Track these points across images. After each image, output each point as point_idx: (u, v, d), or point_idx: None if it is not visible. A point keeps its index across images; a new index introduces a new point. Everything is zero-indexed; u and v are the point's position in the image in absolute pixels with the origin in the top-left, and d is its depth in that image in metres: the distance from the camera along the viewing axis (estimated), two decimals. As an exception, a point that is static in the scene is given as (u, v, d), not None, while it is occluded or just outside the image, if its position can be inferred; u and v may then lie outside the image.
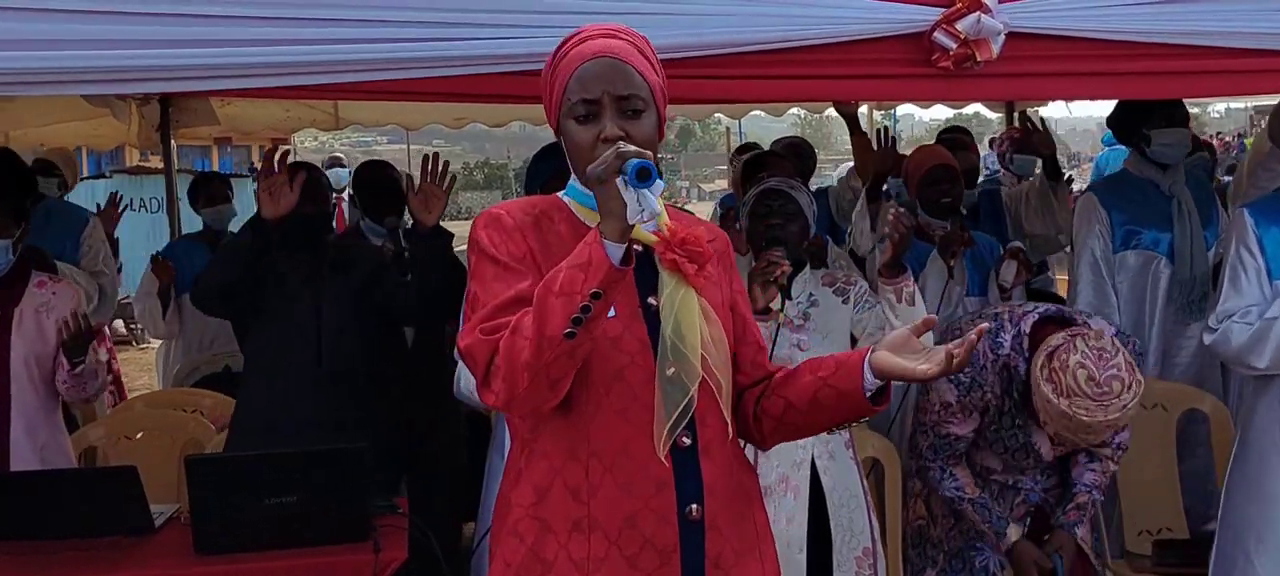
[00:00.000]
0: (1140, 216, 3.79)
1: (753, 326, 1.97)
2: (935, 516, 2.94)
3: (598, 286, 1.60)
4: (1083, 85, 2.67)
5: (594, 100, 1.76)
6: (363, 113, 6.69)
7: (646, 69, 1.81)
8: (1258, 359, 2.79)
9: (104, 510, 2.78)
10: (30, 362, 3.25)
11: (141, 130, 5.56)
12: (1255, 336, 2.78)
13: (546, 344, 1.62)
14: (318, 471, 2.69)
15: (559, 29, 2.26)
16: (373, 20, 2.29)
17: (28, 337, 3.25)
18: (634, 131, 1.75)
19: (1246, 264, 2.84)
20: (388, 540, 2.68)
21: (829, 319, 2.94)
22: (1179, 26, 2.49)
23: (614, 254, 1.61)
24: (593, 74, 1.77)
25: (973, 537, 2.89)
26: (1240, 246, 2.86)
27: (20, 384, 3.24)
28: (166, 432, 3.79)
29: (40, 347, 3.27)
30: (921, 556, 2.96)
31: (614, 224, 1.61)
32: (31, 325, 3.26)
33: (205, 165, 13.76)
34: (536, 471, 1.82)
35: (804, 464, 2.85)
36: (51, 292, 3.32)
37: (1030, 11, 2.45)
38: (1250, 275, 2.83)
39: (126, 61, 2.24)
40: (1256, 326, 2.77)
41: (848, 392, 1.79)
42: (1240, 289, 2.84)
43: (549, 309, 1.62)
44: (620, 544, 1.77)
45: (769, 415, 1.89)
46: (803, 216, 2.96)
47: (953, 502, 2.90)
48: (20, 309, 3.26)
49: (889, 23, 2.43)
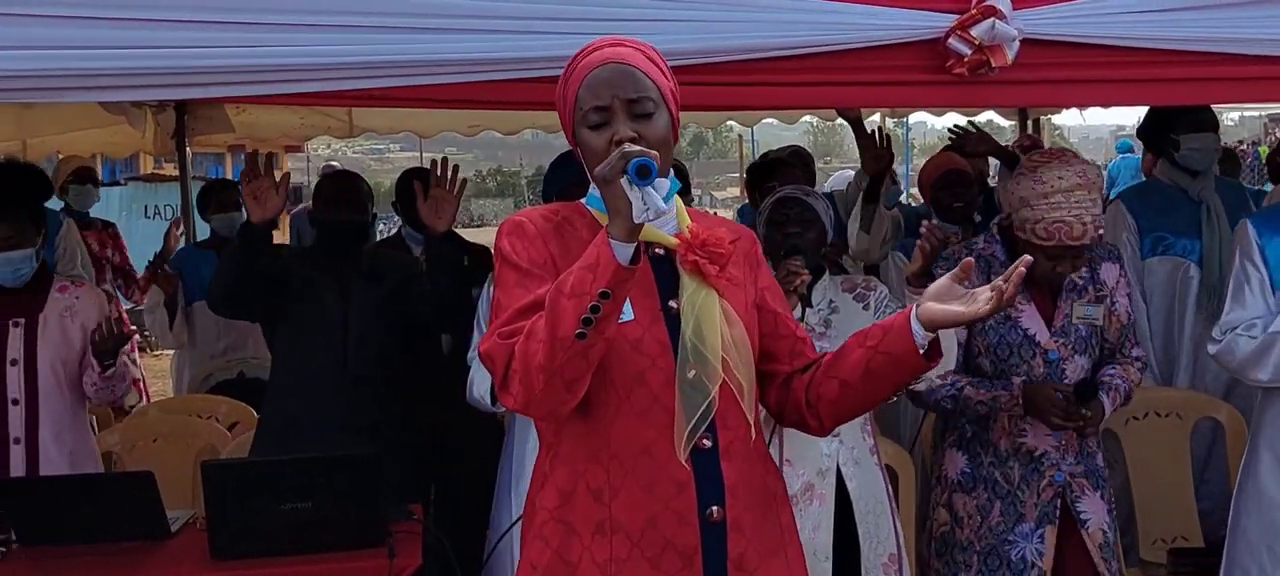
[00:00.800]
0: (1169, 223, 3.78)
1: (786, 319, 1.96)
2: (961, 519, 2.90)
3: (605, 286, 1.61)
4: (1098, 92, 2.67)
5: (605, 106, 1.79)
6: (377, 120, 6.71)
7: (655, 72, 1.82)
8: (1260, 371, 2.78)
9: (120, 515, 2.80)
10: (57, 367, 3.30)
11: (157, 137, 5.58)
12: (1259, 349, 2.76)
13: (559, 345, 1.64)
14: (333, 477, 2.70)
15: (571, 35, 2.29)
16: (388, 26, 2.30)
17: (53, 343, 3.29)
18: (646, 132, 1.77)
19: (1250, 276, 2.83)
20: (403, 546, 2.68)
21: (850, 325, 2.92)
22: (1194, 33, 2.47)
23: (621, 253, 1.62)
24: (601, 80, 1.79)
25: (1004, 531, 2.86)
26: (1244, 258, 2.85)
27: (48, 389, 3.29)
28: (182, 438, 3.81)
29: (66, 352, 3.32)
30: (949, 564, 2.92)
31: (621, 223, 1.62)
32: (56, 330, 3.31)
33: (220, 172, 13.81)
34: (560, 475, 1.84)
35: (830, 471, 2.83)
36: (74, 297, 3.37)
37: (1045, 18, 2.44)
38: (1254, 287, 2.82)
39: (144, 64, 2.25)
40: (1260, 339, 2.76)
41: (900, 354, 1.79)
42: (1244, 301, 2.83)
43: (561, 310, 1.64)
44: (642, 545, 1.78)
45: (825, 399, 1.88)
46: (820, 223, 2.95)
47: (956, 401, 2.84)
48: (45, 315, 3.30)
49: (903, 29, 2.43)
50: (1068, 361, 2.85)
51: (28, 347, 3.26)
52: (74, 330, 3.33)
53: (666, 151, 1.80)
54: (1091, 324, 2.87)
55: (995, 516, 2.87)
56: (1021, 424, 2.86)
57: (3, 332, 3.26)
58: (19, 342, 3.26)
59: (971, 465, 2.93)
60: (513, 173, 36.88)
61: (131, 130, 5.32)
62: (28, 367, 3.27)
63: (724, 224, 1.97)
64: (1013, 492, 2.87)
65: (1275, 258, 2.80)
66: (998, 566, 2.85)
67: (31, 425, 3.27)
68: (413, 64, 2.34)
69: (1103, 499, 2.89)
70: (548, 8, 2.34)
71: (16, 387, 3.26)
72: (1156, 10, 2.44)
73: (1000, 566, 2.85)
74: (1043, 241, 2.69)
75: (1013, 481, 2.87)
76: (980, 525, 2.89)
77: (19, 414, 3.26)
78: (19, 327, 3.27)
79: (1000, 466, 2.88)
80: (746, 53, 2.39)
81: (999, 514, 2.87)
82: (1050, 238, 2.69)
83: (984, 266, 2.88)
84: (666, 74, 1.86)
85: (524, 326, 1.70)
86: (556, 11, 2.34)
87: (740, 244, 1.92)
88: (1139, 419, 3.54)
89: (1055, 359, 2.85)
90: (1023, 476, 2.86)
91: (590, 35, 2.26)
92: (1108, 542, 2.87)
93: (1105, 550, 2.86)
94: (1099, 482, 2.90)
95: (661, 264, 1.83)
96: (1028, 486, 2.86)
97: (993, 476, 2.89)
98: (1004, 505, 2.87)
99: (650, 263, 1.82)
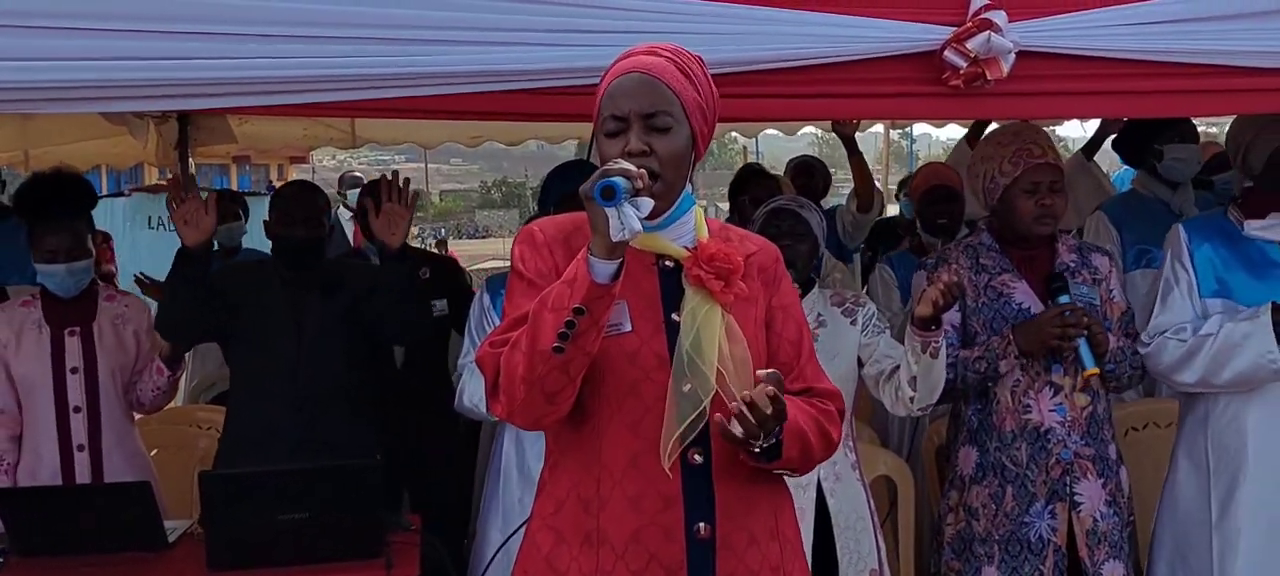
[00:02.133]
0: (1152, 235, 3.78)
1: (789, 343, 1.93)
2: (976, 511, 2.89)
3: (580, 302, 1.63)
4: (1093, 104, 2.68)
5: (622, 116, 1.79)
6: (379, 131, 6.73)
7: (682, 85, 1.81)
8: (1187, 375, 2.81)
9: (118, 525, 2.80)
10: (115, 374, 3.34)
11: (160, 148, 5.59)
12: (1186, 353, 2.79)
13: (538, 357, 1.66)
14: (330, 487, 2.71)
15: (574, 46, 2.32)
16: (391, 39, 2.31)
17: (109, 350, 3.33)
18: (660, 147, 1.77)
19: (1179, 278, 2.87)
20: (399, 556, 2.69)
21: (837, 340, 2.93)
22: (1188, 46, 2.48)
23: (598, 271, 1.64)
24: (623, 90, 1.79)
25: (1018, 514, 2.85)
26: (1175, 261, 2.89)
27: (108, 396, 3.32)
28: (181, 449, 3.83)
29: (122, 359, 3.36)
30: (969, 562, 2.91)
31: (599, 241, 1.64)
32: (112, 338, 3.34)
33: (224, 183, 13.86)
34: (557, 483, 1.86)
35: (810, 486, 2.84)
36: (124, 305, 3.42)
37: (1040, 31, 2.45)
38: (1183, 289, 2.86)
39: (146, 75, 2.25)
40: (1189, 342, 2.79)
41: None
42: (1172, 304, 2.87)
43: (541, 323, 1.66)
44: (627, 558, 1.78)
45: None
46: (812, 236, 2.96)
47: (954, 369, 2.83)
48: (98, 323, 3.33)
49: (900, 41, 2.43)
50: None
51: (87, 355, 3.29)
52: (128, 337, 3.36)
53: (679, 167, 1.79)
54: (1088, 304, 2.87)
55: (1009, 501, 2.86)
56: (1025, 399, 2.86)
57: (60, 342, 3.27)
58: (77, 351, 3.28)
59: (981, 455, 2.92)
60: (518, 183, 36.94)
61: (134, 141, 5.34)
62: (88, 375, 3.29)
63: (749, 238, 1.95)
64: (1022, 474, 2.86)
65: (1204, 264, 2.85)
66: (1019, 551, 2.85)
67: (94, 432, 3.29)
68: (415, 76, 2.34)
69: (1104, 487, 2.87)
70: (547, 21, 2.35)
71: (78, 395, 3.27)
72: (1149, 22, 2.45)
73: (1021, 551, 2.85)
74: (1011, 177, 2.83)
75: (1021, 463, 2.86)
76: (996, 513, 2.87)
77: (81, 421, 3.27)
78: (75, 337, 3.29)
79: (1006, 450, 2.87)
80: (743, 65, 2.40)
81: (1012, 498, 2.86)
82: (1016, 167, 2.83)
83: (971, 255, 2.95)
84: (699, 86, 1.84)
85: (513, 336, 1.72)
86: (555, 24, 2.35)
87: (757, 258, 1.91)
88: (1138, 430, 3.54)
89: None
90: (1031, 456, 2.85)
91: (588, 48, 2.29)
92: (1096, 530, 2.84)
93: (1092, 537, 2.84)
94: (1105, 470, 2.88)
95: (669, 276, 1.83)
96: (1036, 465, 2.85)
97: (1001, 461, 2.88)
98: (1015, 489, 2.86)
99: (659, 275, 1.83)
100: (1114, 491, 2.89)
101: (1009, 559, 2.85)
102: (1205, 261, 2.85)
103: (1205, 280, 2.84)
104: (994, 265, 2.93)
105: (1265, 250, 2.83)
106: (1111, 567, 2.85)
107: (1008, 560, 2.85)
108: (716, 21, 2.40)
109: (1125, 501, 2.93)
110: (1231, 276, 2.83)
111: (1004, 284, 2.89)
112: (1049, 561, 2.83)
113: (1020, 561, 2.84)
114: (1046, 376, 2.85)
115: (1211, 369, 2.75)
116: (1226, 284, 2.83)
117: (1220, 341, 2.73)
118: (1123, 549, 2.88)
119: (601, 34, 2.30)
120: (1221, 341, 2.73)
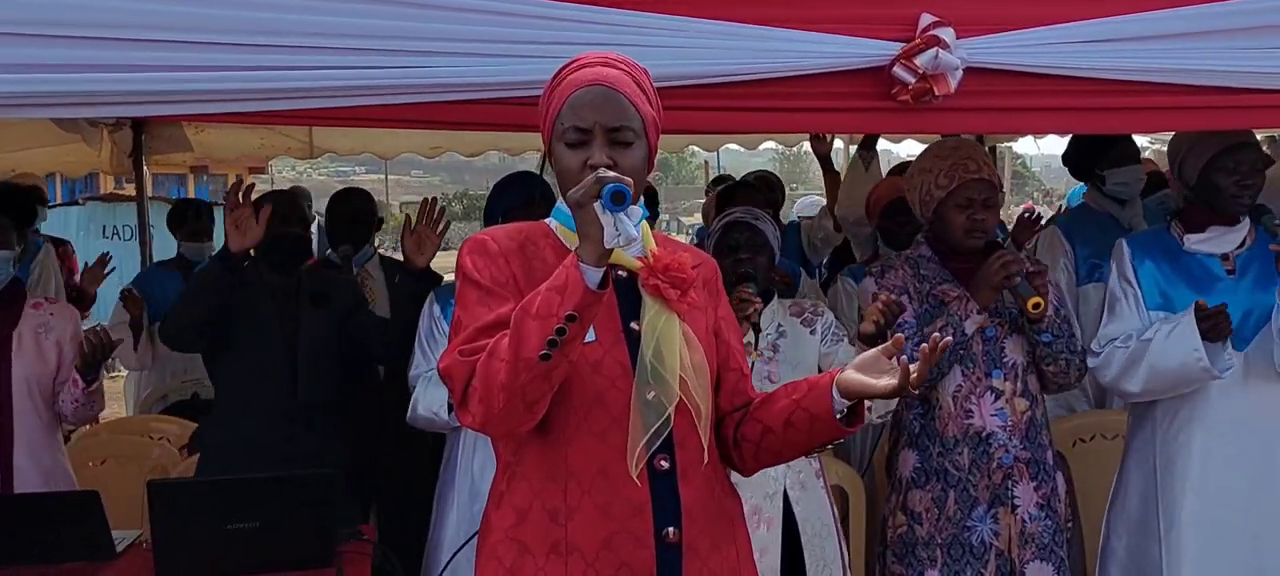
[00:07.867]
0: (1103, 250, 3.85)
1: (737, 352, 1.98)
2: (919, 514, 2.93)
3: (573, 309, 1.63)
4: (1040, 120, 2.72)
5: (586, 128, 1.79)
6: (337, 141, 6.70)
7: (641, 101, 1.83)
8: (1132, 383, 2.87)
9: (65, 535, 2.78)
10: (31, 385, 3.21)
11: (113, 156, 5.54)
12: (1129, 359, 2.86)
13: (522, 366, 1.65)
14: (281, 496, 2.70)
15: (531, 58, 2.32)
16: (347, 48, 2.30)
17: (27, 359, 3.21)
18: (622, 161, 1.78)
19: (1126, 292, 2.95)
20: (351, 565, 2.68)
21: (797, 349, 2.97)
22: (1135, 64, 2.52)
23: (590, 277, 1.64)
24: (586, 102, 1.80)
25: (961, 518, 2.89)
26: (1120, 276, 2.97)
27: (22, 406, 3.20)
28: (132, 459, 3.79)
29: (40, 369, 3.23)
30: (912, 565, 2.95)
31: (591, 248, 1.64)
32: (31, 347, 3.23)
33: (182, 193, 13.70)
34: (517, 494, 1.85)
35: (776, 494, 2.87)
36: (49, 314, 3.30)
37: (987, 48, 2.49)
38: (1129, 302, 2.93)
39: (98, 85, 2.22)
40: (1133, 348, 2.86)
41: (819, 414, 1.82)
42: (1119, 315, 2.94)
43: (526, 331, 1.65)
44: (598, 566, 1.79)
45: (748, 440, 1.91)
46: (769, 247, 3.00)
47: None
48: (19, 331, 3.22)
49: (850, 57, 2.46)
50: (1006, 338, 2.93)
51: (1, 365, 3.19)
52: (49, 347, 3.24)
53: (640, 180, 1.81)
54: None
55: (951, 506, 2.90)
56: (966, 404, 2.91)
57: None
58: None
59: (922, 459, 2.96)
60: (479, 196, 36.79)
61: (87, 149, 5.29)
62: (0, 385, 3.18)
63: (687, 249, 1.98)
64: (964, 479, 2.90)
65: (1148, 279, 2.92)
66: (961, 555, 2.89)
67: (5, 444, 3.18)
68: (374, 88, 2.34)
69: (1038, 491, 2.92)
70: (500, 32, 2.35)
71: None
72: (1096, 40, 2.50)
73: (964, 554, 2.89)
74: (946, 191, 2.88)
75: (963, 468, 2.90)
76: (938, 517, 2.91)
77: None
78: None
79: (949, 455, 2.92)
80: (696, 78, 2.42)
81: (954, 502, 2.90)
82: (951, 181, 2.87)
83: (913, 267, 2.99)
84: (652, 101, 1.87)
85: (485, 344, 1.72)
86: (509, 35, 2.35)
87: (701, 270, 1.94)
88: (1085, 441, 3.59)
89: (992, 335, 2.92)
90: (973, 460, 2.90)
91: (541, 60, 2.29)
92: (1026, 531, 2.89)
93: (1022, 538, 2.89)
94: (1040, 474, 2.93)
95: (624, 286, 1.85)
96: (978, 470, 2.90)
97: (943, 466, 2.92)
98: (957, 493, 2.90)
99: (613, 284, 1.84)
100: (1048, 495, 2.94)
101: (951, 562, 2.89)
102: (1149, 277, 2.92)
103: (1150, 294, 2.91)
104: (933, 275, 2.98)
105: (1206, 264, 2.91)
106: (1037, 568, 2.90)
107: (950, 564, 2.89)
108: (670, 35, 2.41)
109: (1061, 506, 2.99)
110: (1174, 291, 2.90)
111: (944, 293, 2.94)
112: (991, 565, 2.87)
113: (962, 565, 2.88)
114: (987, 381, 2.90)
115: (1150, 376, 2.82)
116: (1170, 298, 2.89)
117: (1155, 344, 2.80)
118: (1053, 552, 2.93)
119: (554, 46, 2.30)
120: (1155, 344, 2.80)
